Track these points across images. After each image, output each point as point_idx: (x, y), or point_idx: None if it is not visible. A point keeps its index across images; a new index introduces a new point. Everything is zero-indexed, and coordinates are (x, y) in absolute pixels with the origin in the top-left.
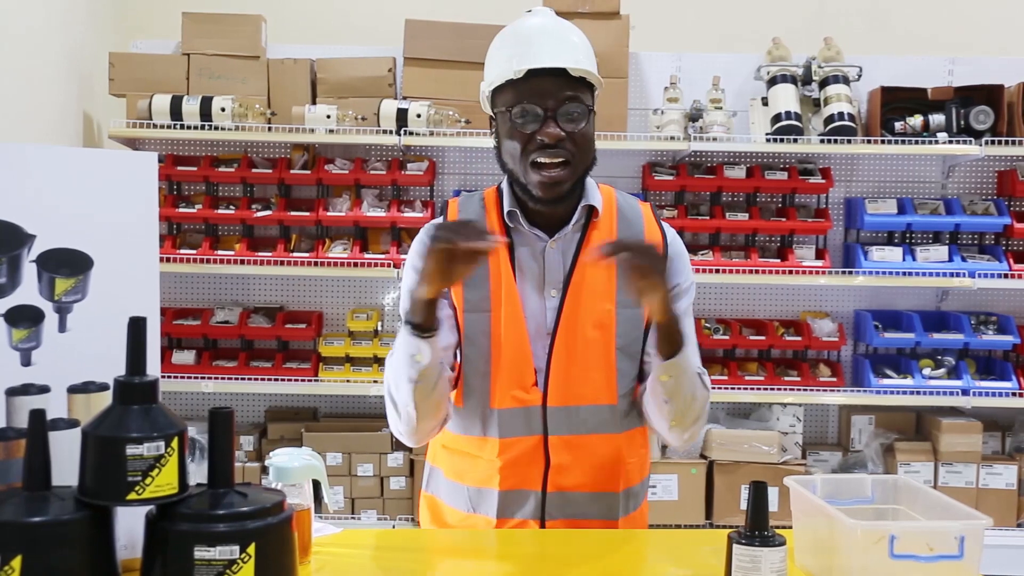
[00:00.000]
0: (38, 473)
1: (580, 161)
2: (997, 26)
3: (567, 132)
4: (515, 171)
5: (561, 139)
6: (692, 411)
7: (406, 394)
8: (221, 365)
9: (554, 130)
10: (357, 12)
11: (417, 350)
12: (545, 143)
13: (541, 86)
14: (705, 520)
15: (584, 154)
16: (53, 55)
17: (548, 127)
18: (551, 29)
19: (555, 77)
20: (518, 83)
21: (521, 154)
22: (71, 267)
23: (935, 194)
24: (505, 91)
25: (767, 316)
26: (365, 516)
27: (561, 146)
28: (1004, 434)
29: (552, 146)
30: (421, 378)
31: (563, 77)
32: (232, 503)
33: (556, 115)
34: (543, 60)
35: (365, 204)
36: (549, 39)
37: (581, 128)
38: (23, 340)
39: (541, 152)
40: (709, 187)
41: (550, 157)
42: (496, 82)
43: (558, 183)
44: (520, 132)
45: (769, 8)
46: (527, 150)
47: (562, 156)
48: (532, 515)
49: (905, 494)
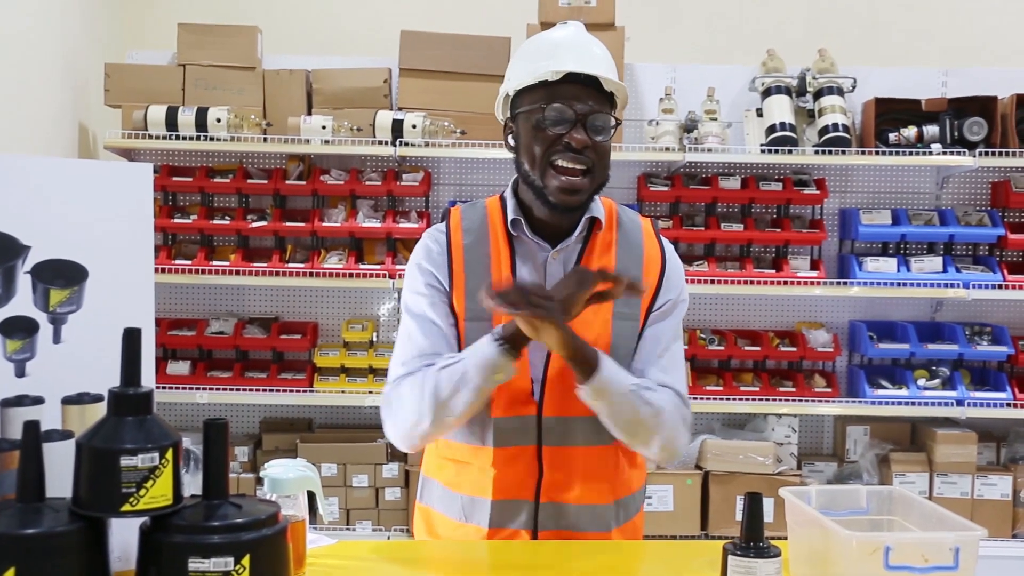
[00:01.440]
0: (32, 485)
1: (599, 173)
2: (990, 38)
3: (593, 141)
4: (531, 174)
5: (587, 146)
6: (643, 429)
7: (464, 403)
8: (216, 376)
9: (582, 136)
10: (353, 23)
11: (504, 367)
12: (571, 146)
13: (573, 91)
14: (701, 531)
15: (603, 167)
16: (49, 65)
17: (576, 132)
18: (583, 42)
19: (586, 87)
20: (550, 85)
21: (543, 155)
22: (66, 278)
23: (929, 205)
24: (533, 92)
25: (762, 327)
26: (360, 527)
27: (585, 154)
28: (999, 445)
29: (577, 151)
30: (485, 394)
31: (594, 88)
32: (227, 515)
33: (585, 121)
34: (583, 66)
35: (360, 215)
36: (583, 50)
37: (605, 141)
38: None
39: (564, 155)
40: (704, 198)
41: (572, 162)
42: (527, 82)
43: (576, 191)
44: (546, 133)
45: (763, 20)
46: (550, 151)
47: (584, 164)
48: (524, 525)
49: (900, 505)
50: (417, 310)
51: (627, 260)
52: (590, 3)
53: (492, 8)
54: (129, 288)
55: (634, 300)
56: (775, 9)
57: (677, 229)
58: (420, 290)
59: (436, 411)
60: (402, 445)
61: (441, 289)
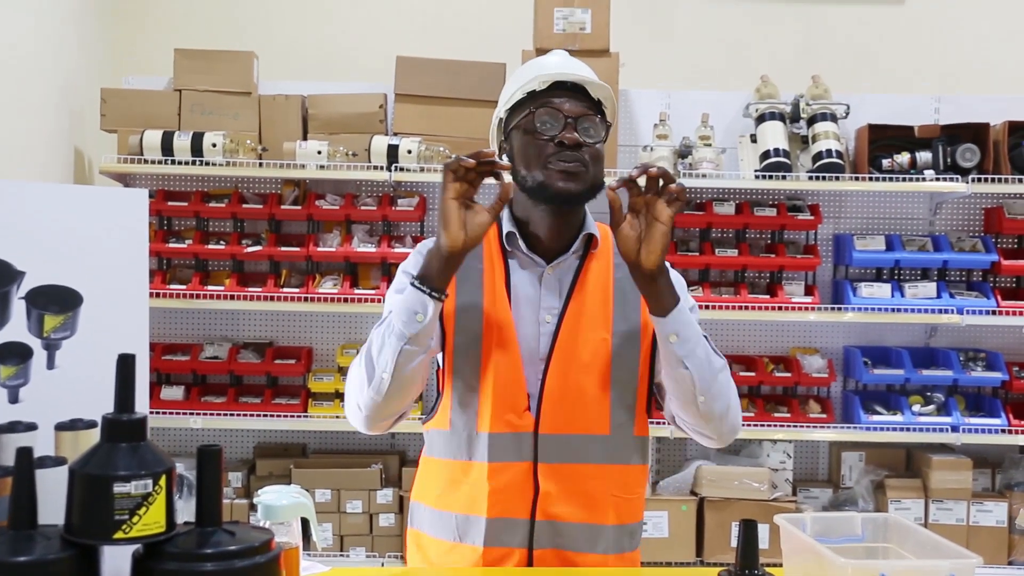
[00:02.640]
0: (24, 512)
1: (593, 174)
2: (982, 66)
3: (584, 142)
4: (529, 178)
5: (579, 145)
6: (716, 383)
7: (390, 354)
8: (210, 401)
9: (573, 135)
10: (349, 49)
11: (422, 307)
12: (564, 146)
13: (562, 100)
14: (696, 557)
15: (598, 168)
16: (45, 90)
17: (568, 131)
18: (571, 62)
19: (575, 94)
20: (539, 95)
21: (538, 157)
22: (60, 304)
23: (923, 231)
24: (524, 104)
25: (757, 352)
26: (354, 553)
27: (580, 152)
28: (994, 471)
29: (570, 150)
30: (412, 340)
31: (582, 96)
32: (220, 542)
33: (576, 123)
34: (568, 74)
35: (355, 240)
36: (571, 65)
37: (596, 144)
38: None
39: (559, 155)
40: (698, 223)
41: (567, 161)
42: (518, 96)
43: (575, 175)
44: (539, 136)
45: (757, 46)
46: (545, 153)
47: (579, 161)
48: (520, 544)
49: (895, 532)
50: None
51: (625, 275)
52: (585, 29)
53: (487, 34)
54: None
55: (633, 317)
56: (769, 36)
57: (672, 255)
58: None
59: (370, 372)
60: (356, 423)
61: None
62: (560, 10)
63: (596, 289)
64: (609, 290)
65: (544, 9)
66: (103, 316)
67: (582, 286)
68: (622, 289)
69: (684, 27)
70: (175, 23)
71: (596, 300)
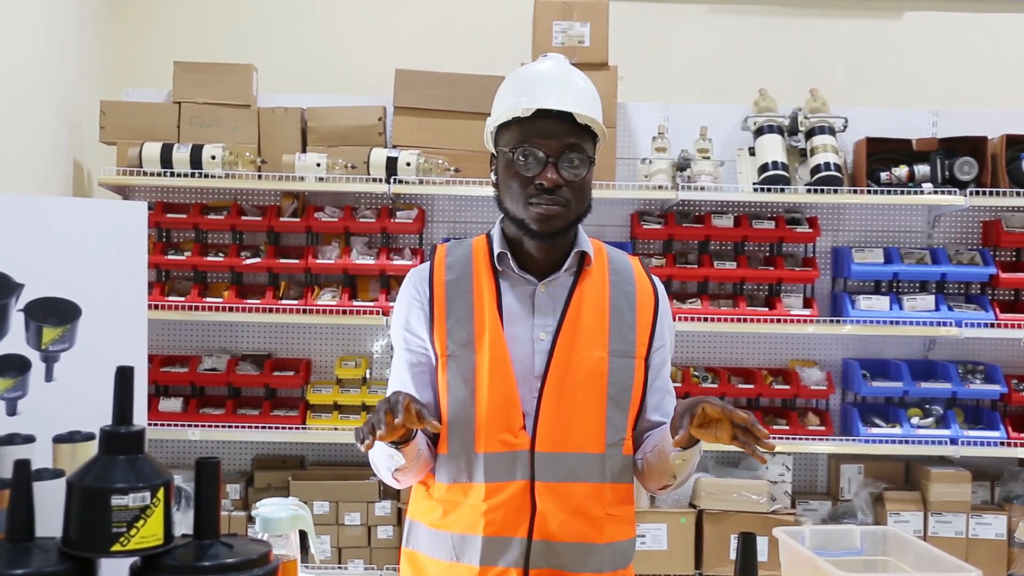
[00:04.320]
0: (22, 524)
1: (576, 208)
2: (980, 80)
3: (566, 180)
4: (511, 209)
5: (559, 185)
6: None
7: (387, 476)
8: (208, 413)
9: (553, 175)
10: (348, 61)
11: (391, 456)
12: (544, 187)
13: (546, 128)
14: (695, 570)
15: (580, 202)
16: (44, 103)
17: (548, 172)
18: (561, 74)
19: (560, 121)
20: (524, 123)
21: (519, 194)
22: (59, 316)
23: (921, 244)
24: (510, 129)
25: (755, 364)
26: (352, 566)
27: (559, 193)
28: (993, 484)
29: (550, 192)
30: (401, 469)
31: (568, 122)
32: (218, 554)
33: (558, 161)
34: (550, 103)
35: (354, 252)
36: (558, 84)
37: (580, 177)
38: (9, 389)
39: (538, 197)
40: (697, 236)
41: (547, 203)
42: (502, 119)
43: (553, 217)
44: (520, 174)
45: (755, 60)
46: (525, 192)
47: (558, 203)
48: (516, 563)
49: (894, 545)
50: (396, 364)
51: (620, 293)
52: (583, 42)
53: (486, 47)
54: (122, 325)
55: (628, 336)
56: (767, 49)
57: (670, 267)
58: (399, 344)
59: (382, 475)
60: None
61: (418, 346)
62: (559, 23)
63: (591, 306)
64: (605, 307)
65: (543, 22)
66: (102, 328)
67: (577, 303)
68: (617, 307)
69: (683, 41)
70: (175, 36)
71: (592, 317)
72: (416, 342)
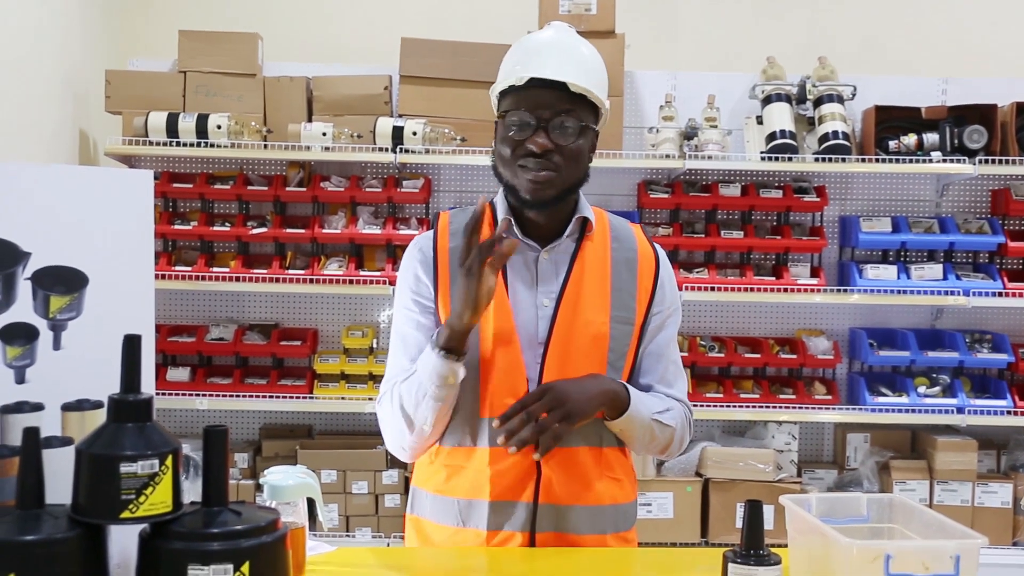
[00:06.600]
0: (31, 491)
1: (568, 174)
2: (990, 47)
3: (557, 144)
4: (504, 175)
5: (548, 150)
6: (655, 445)
7: (428, 411)
8: (216, 382)
9: (543, 140)
10: (353, 30)
11: (451, 372)
12: (532, 152)
13: (540, 97)
14: (701, 538)
15: (572, 168)
16: (49, 73)
17: (538, 136)
18: (562, 43)
19: (555, 91)
20: (519, 91)
21: (510, 158)
22: (66, 285)
23: (929, 212)
24: (507, 97)
25: (762, 334)
26: (360, 534)
27: (548, 157)
28: (999, 452)
29: (539, 156)
30: (446, 398)
31: (563, 91)
32: (226, 522)
33: (548, 126)
34: (544, 72)
35: (361, 221)
36: (557, 52)
37: (572, 143)
38: (17, 358)
39: (527, 160)
40: (704, 205)
41: (535, 167)
42: (500, 87)
43: (543, 184)
44: (511, 138)
45: (763, 28)
46: (515, 155)
47: (548, 168)
48: (522, 527)
49: (900, 513)
50: (401, 327)
51: (621, 259)
52: (590, 11)
53: (492, 16)
54: (129, 294)
55: (629, 303)
56: (775, 17)
57: (677, 236)
58: (406, 304)
59: (409, 423)
60: (402, 457)
61: (426, 301)
62: None
63: (593, 272)
64: (607, 272)
65: None
66: (109, 297)
67: (580, 269)
68: (619, 273)
69: (690, 9)
70: (180, 5)
71: (594, 283)
72: (424, 302)
